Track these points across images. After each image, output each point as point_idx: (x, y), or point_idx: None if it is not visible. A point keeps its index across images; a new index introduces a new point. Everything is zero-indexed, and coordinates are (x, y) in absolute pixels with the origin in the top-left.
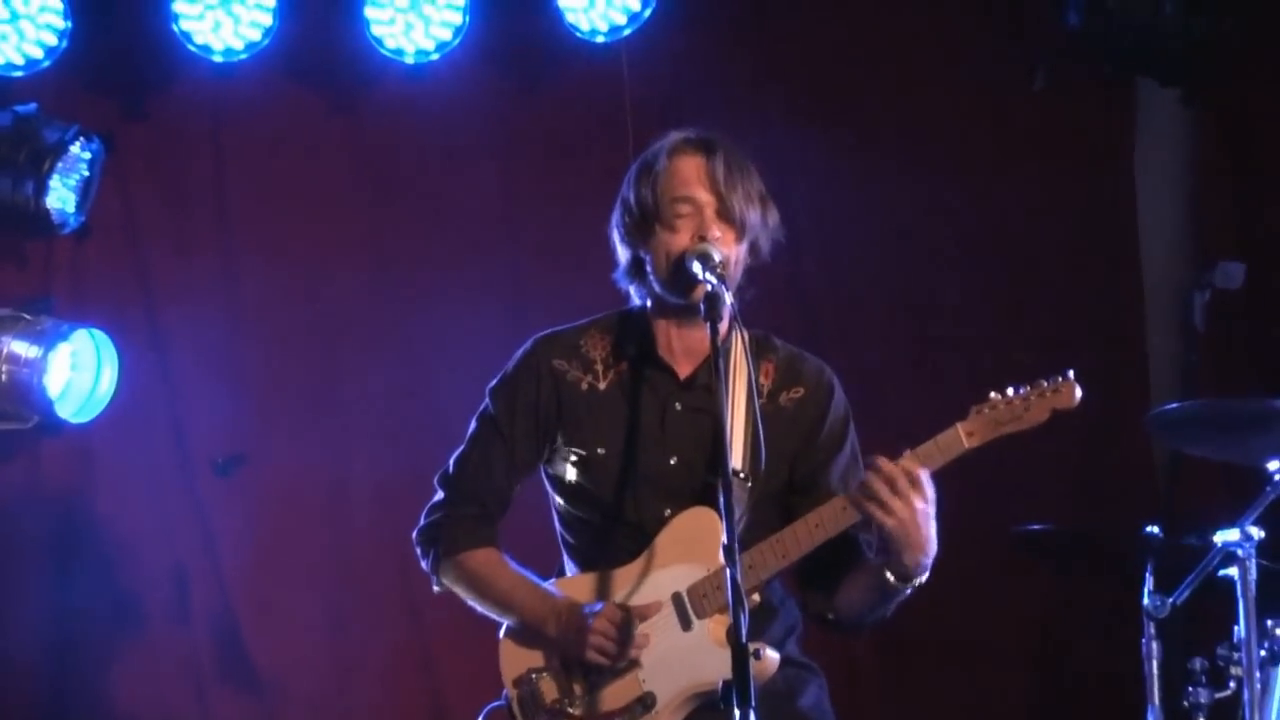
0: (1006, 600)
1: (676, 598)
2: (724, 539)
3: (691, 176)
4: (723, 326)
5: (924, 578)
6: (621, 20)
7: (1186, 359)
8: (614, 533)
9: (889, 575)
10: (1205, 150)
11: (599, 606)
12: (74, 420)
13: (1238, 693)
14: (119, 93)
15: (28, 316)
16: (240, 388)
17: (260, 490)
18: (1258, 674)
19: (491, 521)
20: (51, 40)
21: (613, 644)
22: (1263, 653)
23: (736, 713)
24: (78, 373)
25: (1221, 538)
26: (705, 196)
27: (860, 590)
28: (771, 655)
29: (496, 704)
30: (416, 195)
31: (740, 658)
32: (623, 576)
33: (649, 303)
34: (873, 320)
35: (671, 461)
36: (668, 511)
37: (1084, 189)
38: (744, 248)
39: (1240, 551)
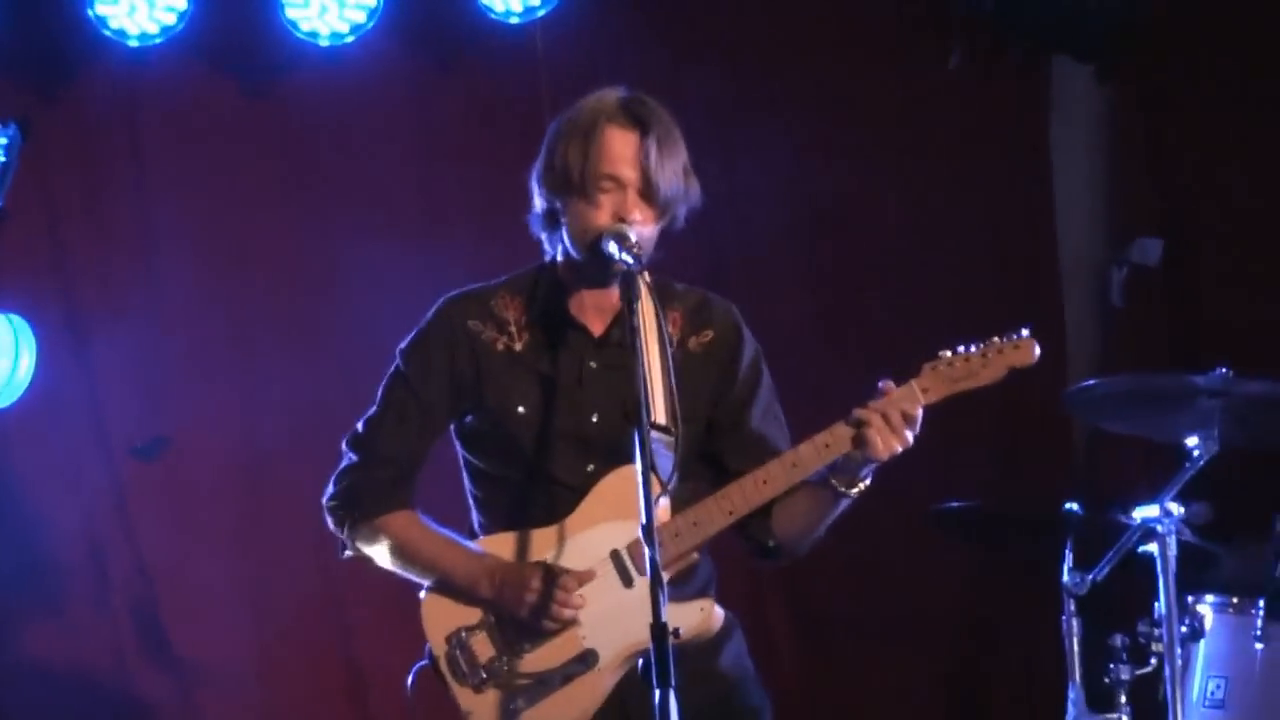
0: (926, 578)
1: (615, 555)
2: (642, 519)
3: (622, 154)
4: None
5: (868, 483)
6: (535, 0)
7: (1104, 334)
8: (536, 491)
9: (836, 484)
10: (1121, 126)
11: (535, 566)
12: None
13: (1159, 669)
14: (35, 78)
15: None
16: (158, 371)
17: (179, 473)
18: (1179, 650)
19: (408, 483)
20: None
21: (553, 603)
22: (1183, 629)
23: (656, 692)
24: None
25: (1141, 514)
26: (632, 175)
27: (802, 506)
28: (718, 611)
29: (423, 663)
30: (333, 177)
31: (660, 636)
32: (551, 535)
33: (559, 259)
34: (789, 297)
35: (593, 419)
36: (590, 467)
37: (1000, 167)
38: (661, 224)
39: (1160, 528)
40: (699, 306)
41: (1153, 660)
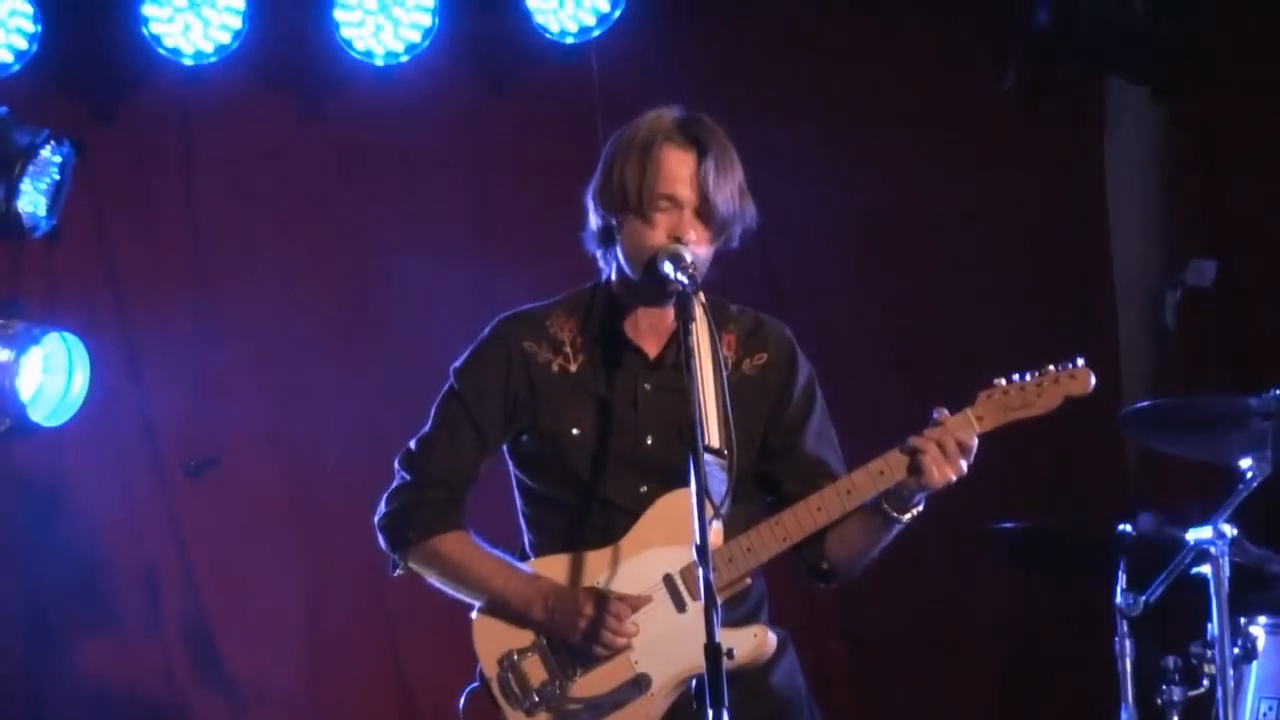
0: (979, 599)
1: (668, 579)
2: (696, 540)
3: (680, 175)
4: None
5: (920, 508)
6: (591, 21)
7: (1158, 356)
8: (589, 512)
9: (889, 509)
10: (1175, 148)
11: (590, 592)
12: (46, 424)
13: (1211, 690)
14: (89, 96)
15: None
16: (211, 389)
17: (231, 492)
18: (1230, 671)
19: (460, 504)
20: (22, 44)
21: (605, 630)
22: (1236, 650)
23: (709, 713)
24: (50, 376)
25: (1194, 535)
26: (689, 195)
27: (856, 530)
28: (771, 637)
29: (474, 685)
30: (387, 197)
31: (714, 657)
32: (605, 558)
33: (613, 277)
34: (843, 318)
35: (648, 441)
36: (644, 489)
37: (1055, 187)
38: (716, 245)
39: (1213, 549)
40: (753, 328)
41: (1205, 682)
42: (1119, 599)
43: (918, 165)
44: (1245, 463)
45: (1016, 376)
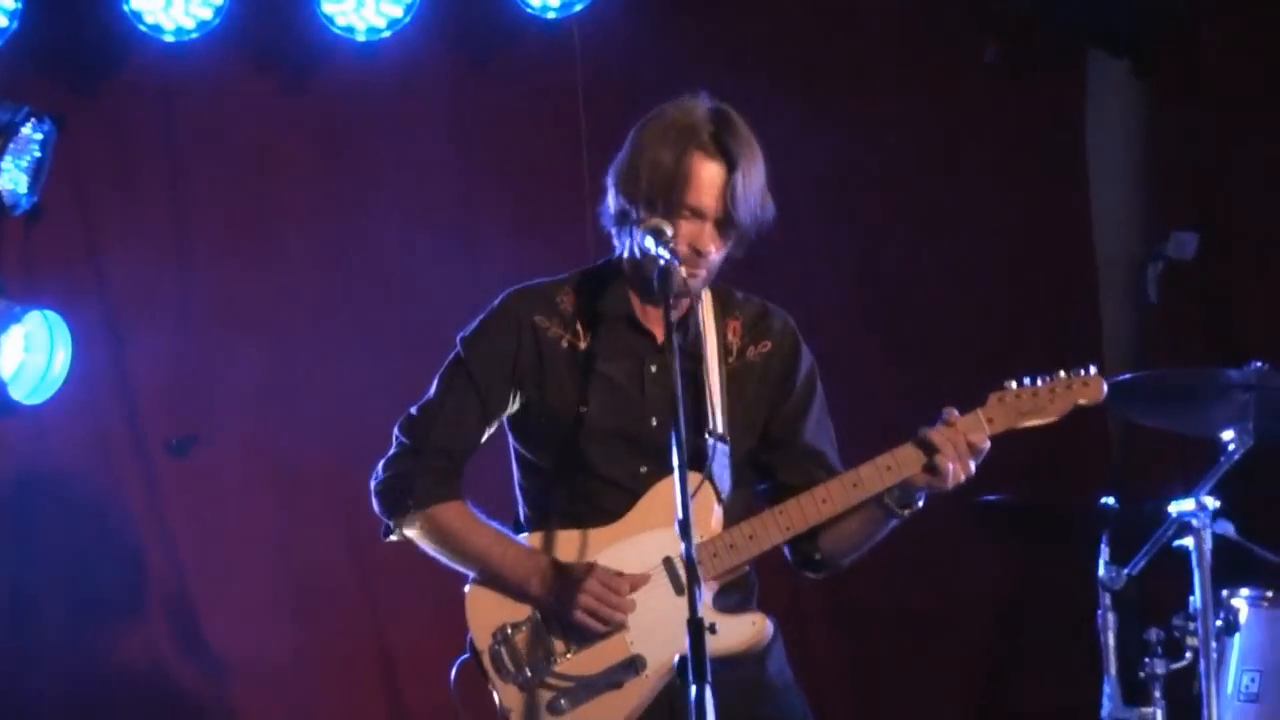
0: (962, 571)
1: (668, 561)
2: (678, 514)
3: (709, 188)
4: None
5: (921, 505)
6: None
7: (1139, 329)
8: (587, 488)
9: (890, 504)
10: (1157, 121)
11: (590, 567)
12: (27, 402)
13: (1194, 663)
14: (70, 73)
15: None
16: (194, 367)
17: (215, 469)
18: (1213, 644)
19: (459, 474)
20: (2, 21)
21: (605, 606)
22: (1218, 623)
23: (693, 688)
24: (31, 354)
25: (1176, 508)
26: (715, 207)
27: (853, 524)
28: (769, 624)
29: (464, 657)
30: (369, 173)
31: (696, 632)
32: (605, 536)
33: (625, 258)
34: (823, 292)
35: (653, 423)
36: (644, 469)
37: (1036, 161)
38: (730, 245)
39: (1195, 522)
40: (759, 316)
41: (1188, 654)
42: (1102, 572)
43: (900, 138)
44: (1227, 435)
45: (1027, 380)
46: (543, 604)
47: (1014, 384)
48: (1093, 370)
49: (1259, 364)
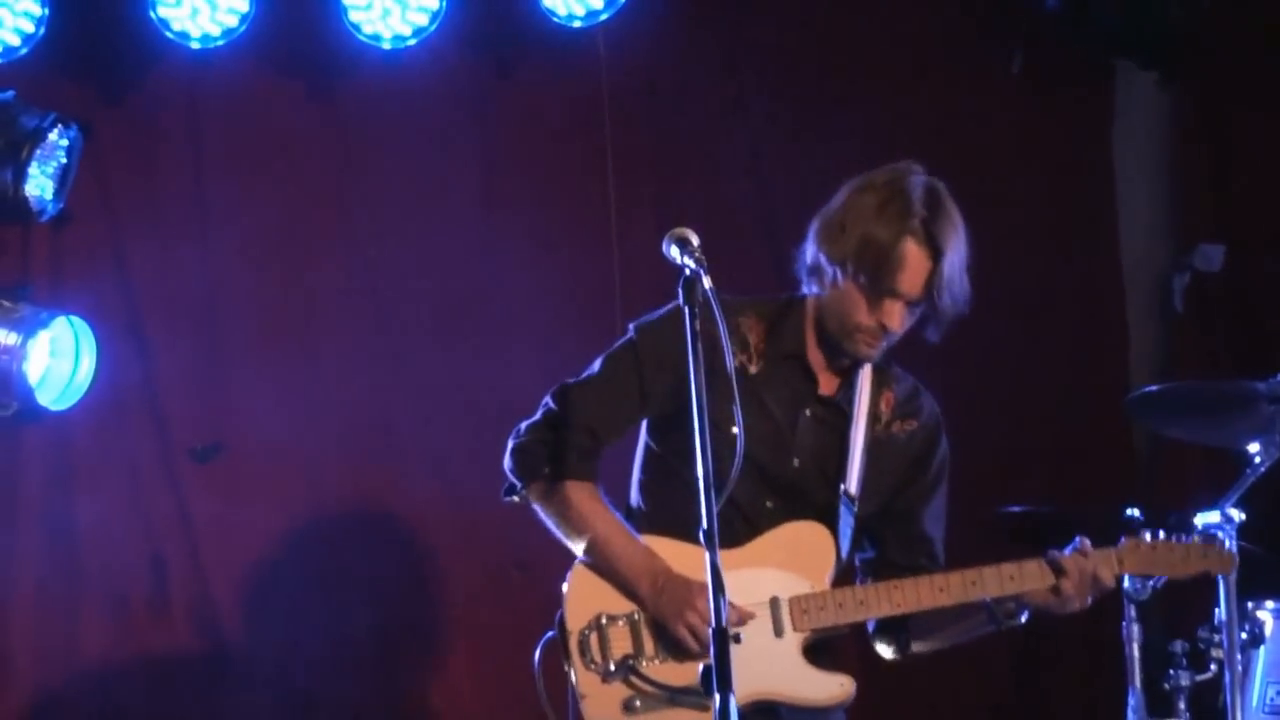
0: None
1: (774, 602)
2: (704, 524)
3: (917, 275)
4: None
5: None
6: (598, 4)
7: (1165, 340)
8: (720, 510)
9: (996, 611)
10: (1184, 133)
11: (704, 587)
12: (53, 408)
13: (1219, 675)
14: (97, 80)
15: (6, 304)
16: (219, 374)
17: (239, 477)
18: (1238, 656)
19: (599, 456)
20: (29, 28)
21: (708, 629)
22: (1243, 635)
23: (716, 696)
24: (57, 360)
25: (1202, 520)
26: (914, 294)
27: (952, 618)
28: (853, 688)
29: (551, 635)
30: (395, 181)
31: (721, 641)
32: (724, 560)
33: (811, 303)
34: None
35: (794, 463)
36: (770, 504)
37: (1063, 172)
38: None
39: (1220, 533)
40: (911, 395)
41: (1213, 666)
42: (1126, 583)
43: (925, 149)
44: (1253, 447)
45: (1163, 535)
46: (647, 606)
47: (1148, 535)
48: (1229, 544)
49: None
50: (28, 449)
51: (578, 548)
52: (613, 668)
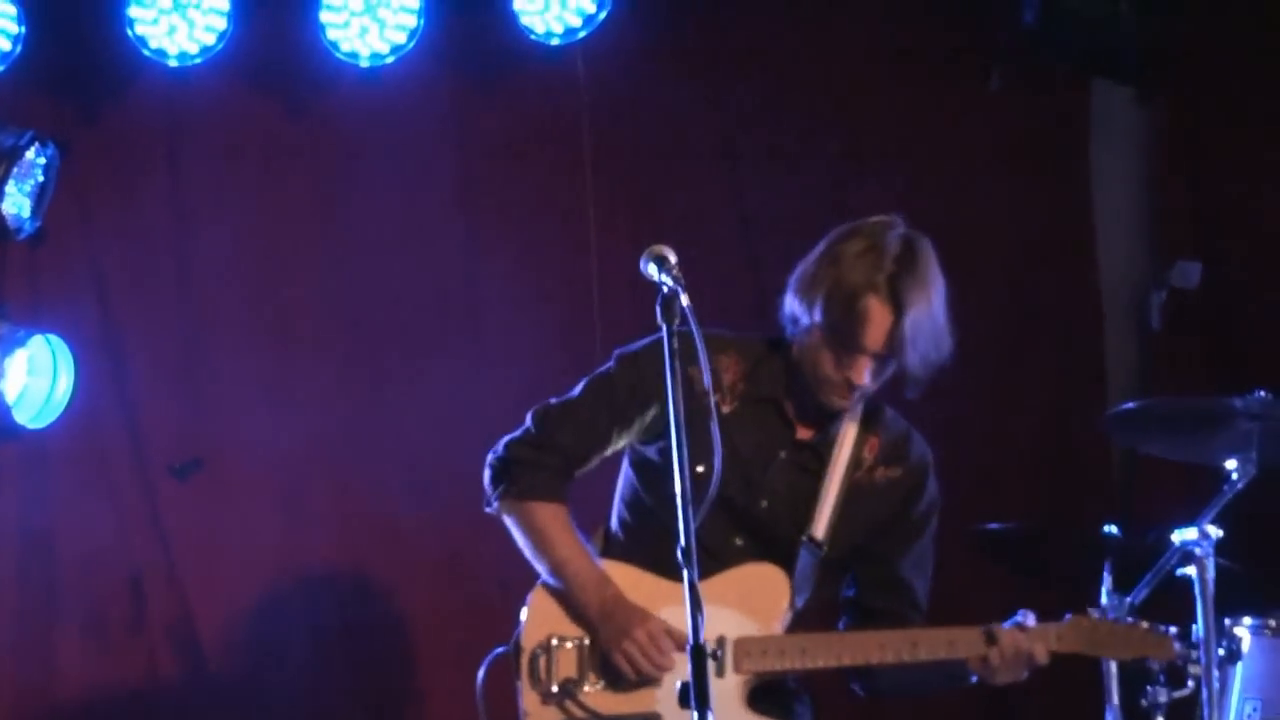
0: (964, 598)
1: (720, 641)
2: (680, 542)
3: (878, 331)
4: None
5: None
6: (576, 22)
7: (1142, 357)
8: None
9: (944, 672)
10: (1161, 149)
11: (645, 615)
12: (30, 426)
13: (1196, 692)
14: (74, 98)
15: None
16: (196, 391)
17: (217, 493)
18: (1216, 673)
19: (569, 478)
20: (5, 45)
21: (644, 660)
22: (1221, 651)
23: (694, 714)
24: (34, 378)
25: (1179, 536)
26: (879, 350)
27: (906, 679)
28: None
29: (502, 649)
30: (372, 198)
31: (698, 659)
32: (675, 593)
33: (793, 350)
34: None
35: (762, 504)
36: (739, 542)
37: (1040, 189)
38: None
39: (1198, 550)
40: (898, 441)
41: (1190, 683)
42: (1104, 600)
43: (902, 165)
44: (1230, 464)
45: (1112, 616)
46: (593, 631)
47: (1095, 613)
48: (1173, 630)
49: (1263, 393)
50: (4, 468)
51: (540, 568)
52: (554, 689)
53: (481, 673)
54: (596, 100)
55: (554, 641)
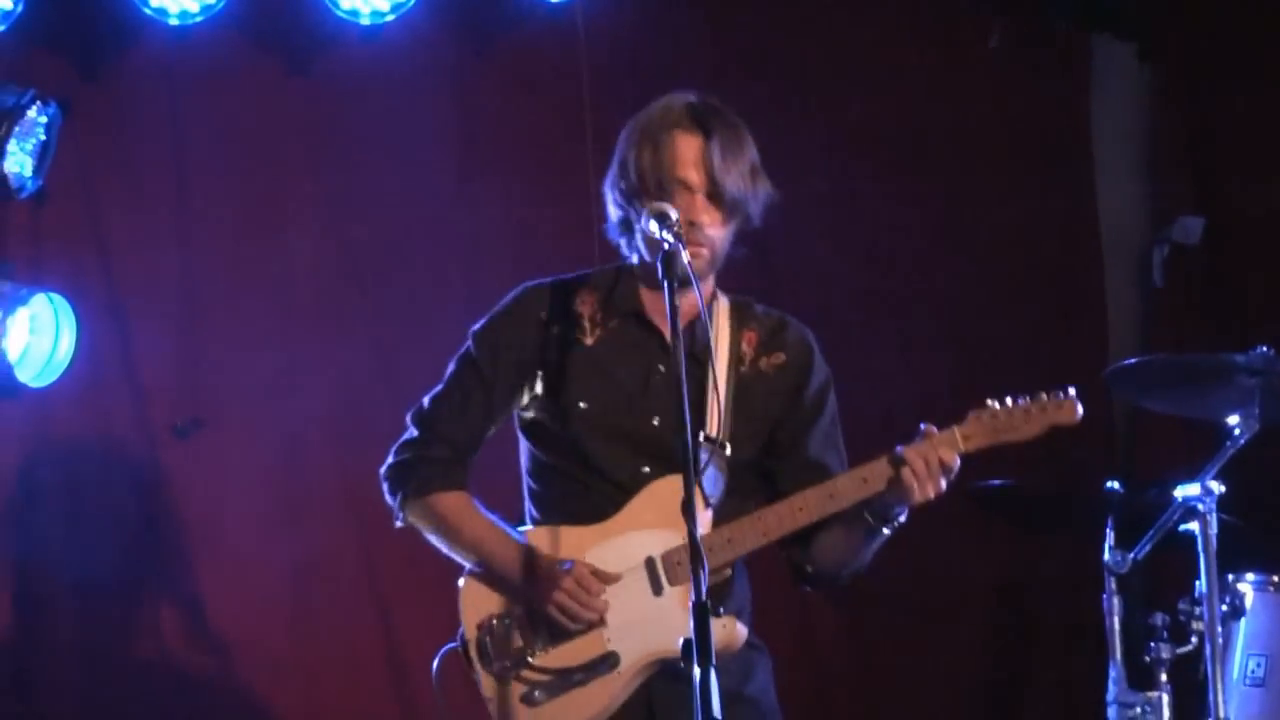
0: (966, 557)
1: (649, 562)
2: (683, 494)
3: (688, 159)
4: (706, 289)
5: (903, 519)
6: None
7: (1144, 313)
8: (589, 486)
9: (868, 516)
10: (1162, 106)
11: (569, 564)
12: (33, 384)
13: (1199, 647)
14: (75, 57)
15: None
16: (198, 350)
17: (219, 452)
18: (1219, 629)
19: (463, 464)
20: (7, 4)
21: (576, 604)
22: (1224, 607)
23: (697, 669)
24: (36, 337)
25: (1182, 493)
26: (698, 179)
27: (839, 536)
28: (740, 628)
29: (451, 645)
30: (373, 156)
31: (701, 614)
32: (595, 533)
33: (637, 263)
34: (828, 281)
35: (654, 422)
36: (646, 469)
37: (1041, 145)
38: (733, 225)
39: (1201, 506)
40: (776, 329)
41: (1193, 639)
42: (1107, 556)
43: (902, 122)
44: (1233, 419)
45: (1009, 400)
46: (524, 597)
47: (994, 403)
48: (1071, 392)
49: (1265, 349)
50: (6, 426)
51: (458, 557)
52: (507, 664)
53: (435, 665)
54: (597, 59)
55: (493, 622)
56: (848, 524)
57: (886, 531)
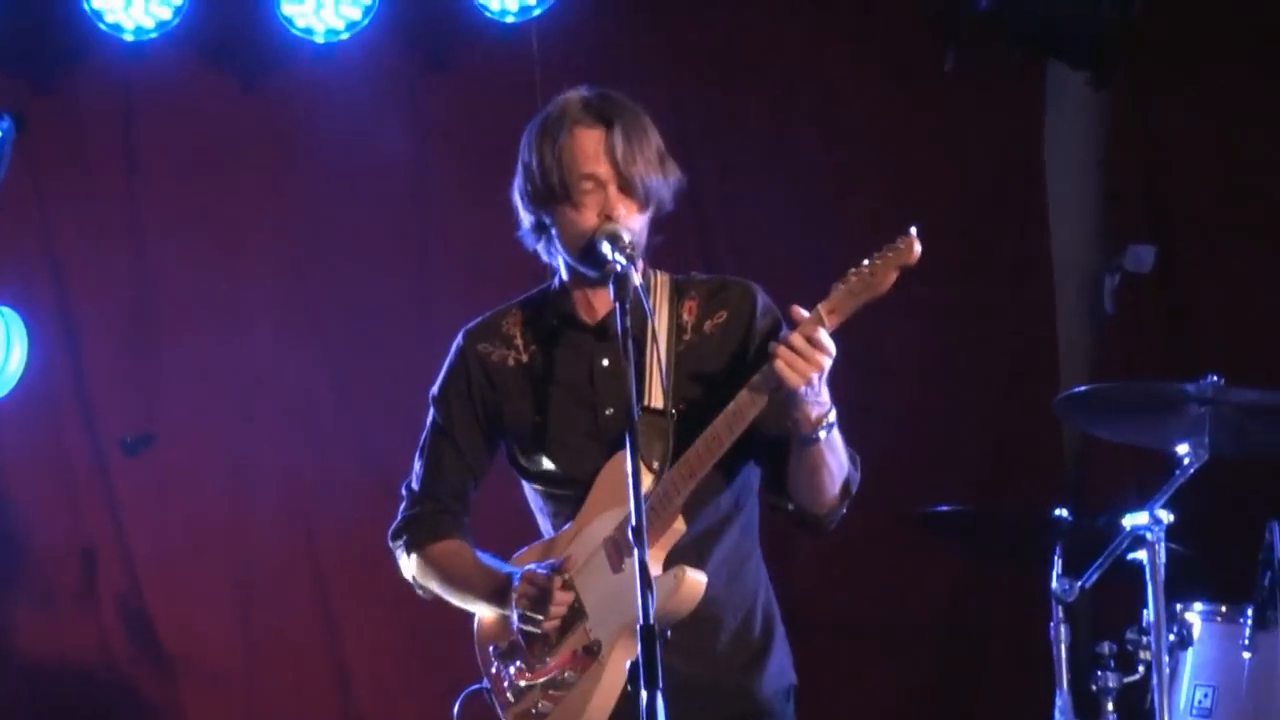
0: (913, 582)
1: (608, 542)
2: (632, 521)
3: (592, 152)
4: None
5: (830, 420)
6: (531, 0)
7: (1095, 341)
8: (567, 494)
9: (792, 427)
10: (1115, 133)
11: (517, 575)
12: None
13: (1146, 676)
14: (30, 71)
15: None
16: (149, 366)
17: (169, 468)
18: (1166, 658)
19: (452, 514)
20: None
21: (535, 606)
22: (1171, 637)
23: (644, 694)
24: None
25: (1130, 521)
26: (607, 172)
27: (794, 467)
28: (695, 577)
29: (472, 688)
30: (327, 174)
31: (648, 638)
32: (570, 533)
33: (561, 269)
34: (780, 291)
35: (608, 413)
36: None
37: (994, 171)
38: (649, 214)
39: (1149, 535)
40: (716, 290)
41: (1140, 668)
42: (1055, 584)
43: (855, 145)
44: (1182, 448)
45: (865, 262)
46: (508, 624)
47: (850, 271)
48: (913, 231)
49: (1215, 378)
50: None
51: (460, 603)
52: (521, 691)
53: (456, 708)
54: (551, 77)
55: (492, 654)
56: (795, 450)
57: (818, 435)
